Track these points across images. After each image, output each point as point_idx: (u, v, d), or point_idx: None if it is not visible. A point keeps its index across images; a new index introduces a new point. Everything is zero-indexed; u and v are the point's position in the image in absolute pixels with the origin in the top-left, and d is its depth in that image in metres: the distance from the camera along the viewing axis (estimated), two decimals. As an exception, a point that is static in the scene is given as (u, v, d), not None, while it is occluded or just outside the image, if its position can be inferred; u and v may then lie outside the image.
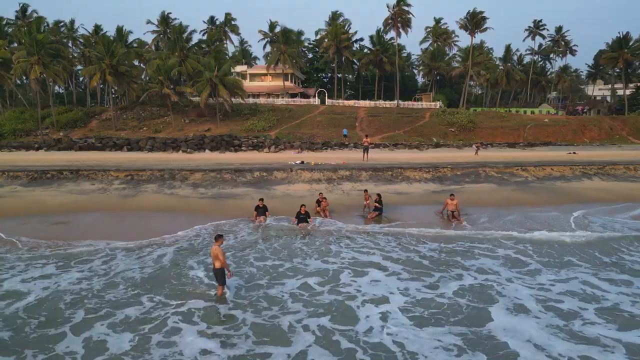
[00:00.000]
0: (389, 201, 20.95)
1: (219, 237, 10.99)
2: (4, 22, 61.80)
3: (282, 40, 62.42)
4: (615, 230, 16.44)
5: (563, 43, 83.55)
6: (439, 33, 74.83)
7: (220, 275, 10.62)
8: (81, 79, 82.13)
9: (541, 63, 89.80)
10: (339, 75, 75.52)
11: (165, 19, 66.84)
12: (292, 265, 12.97)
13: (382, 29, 65.80)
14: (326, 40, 66.27)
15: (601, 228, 16.58)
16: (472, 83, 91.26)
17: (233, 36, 79.12)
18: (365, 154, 32.69)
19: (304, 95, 67.71)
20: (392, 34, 66.53)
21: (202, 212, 18.92)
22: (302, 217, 17.79)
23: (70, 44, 68.64)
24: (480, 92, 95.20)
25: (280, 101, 62.74)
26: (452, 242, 15.13)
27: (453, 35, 78.52)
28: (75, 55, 69.90)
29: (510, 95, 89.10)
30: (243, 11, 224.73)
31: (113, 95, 73.80)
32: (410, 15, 65.03)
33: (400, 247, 14.58)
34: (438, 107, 62.51)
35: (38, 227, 16.79)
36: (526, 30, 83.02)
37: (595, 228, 16.57)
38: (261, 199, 18.78)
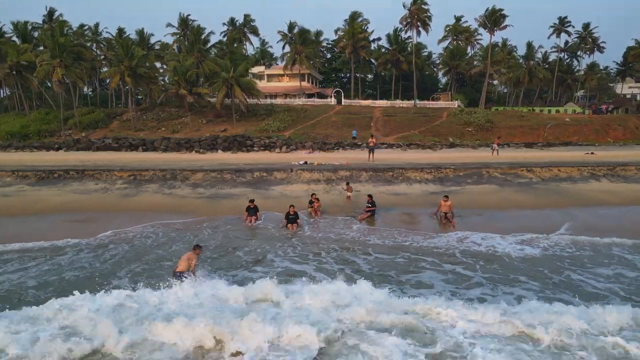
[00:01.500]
0: (385, 202, 20.80)
1: (197, 247, 11.79)
2: (31, 27, 64.04)
3: (299, 41, 62.63)
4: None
5: (590, 40, 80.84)
6: (459, 31, 73.63)
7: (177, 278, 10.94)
8: (107, 80, 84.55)
9: (568, 61, 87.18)
10: (358, 75, 75.30)
11: (184, 21, 68.01)
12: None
13: (399, 28, 65.31)
14: (343, 40, 66.17)
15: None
16: (495, 82, 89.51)
17: (253, 37, 79.95)
18: (371, 154, 32.51)
19: (321, 96, 67.74)
20: (410, 32, 66.03)
21: (191, 212, 19.22)
22: (292, 217, 17.84)
23: (94, 47, 70.68)
24: (505, 90, 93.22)
25: (297, 101, 62.97)
26: (404, 253, 14.03)
27: (476, 33, 77.31)
28: (101, 58, 72.01)
29: (535, 94, 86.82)
30: (269, 12, 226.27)
31: (138, 97, 75.77)
32: (428, 14, 64.35)
33: (339, 258, 13.67)
34: (456, 106, 61.52)
35: (34, 225, 17.39)
36: (551, 27, 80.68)
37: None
38: (252, 200, 18.90)
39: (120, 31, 70.91)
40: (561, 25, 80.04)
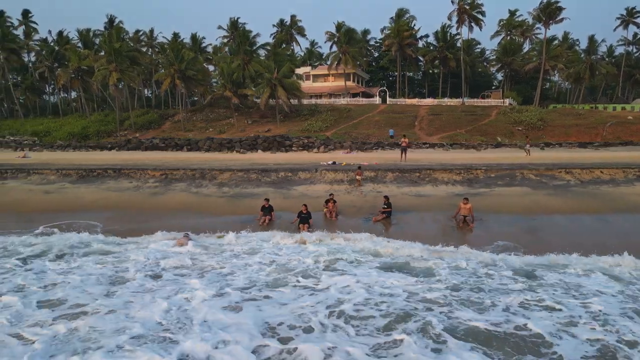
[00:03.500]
0: (405, 204, 20.29)
1: (186, 235, 15.10)
2: (92, 33, 68.22)
3: (344, 41, 62.43)
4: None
5: (663, 31, 74.74)
6: (513, 26, 70.37)
7: None
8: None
9: (637, 54, 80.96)
10: (408, 74, 73.95)
11: (234, 24, 69.73)
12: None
13: (447, 25, 63.53)
14: (389, 38, 65.24)
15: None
16: (555, 79, 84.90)
17: (300, 38, 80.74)
18: (403, 154, 31.79)
19: (367, 95, 67.19)
20: (460, 29, 64.00)
21: (209, 212, 19.67)
22: (304, 216, 17.88)
23: (150, 52, 74.19)
24: (569, 87, 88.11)
25: (341, 101, 62.85)
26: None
27: (534, 27, 73.57)
28: (156, 62, 75.51)
29: (599, 90, 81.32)
30: (324, 13, 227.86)
31: (194, 99, 78.85)
32: (481, 9, 62.21)
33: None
34: (507, 104, 58.84)
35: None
36: (618, 18, 75.33)
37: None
38: (267, 199, 19.11)
39: (176, 36, 74.06)
40: (629, 17, 74.53)
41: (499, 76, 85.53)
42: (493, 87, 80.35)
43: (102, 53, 64.52)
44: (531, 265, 12.92)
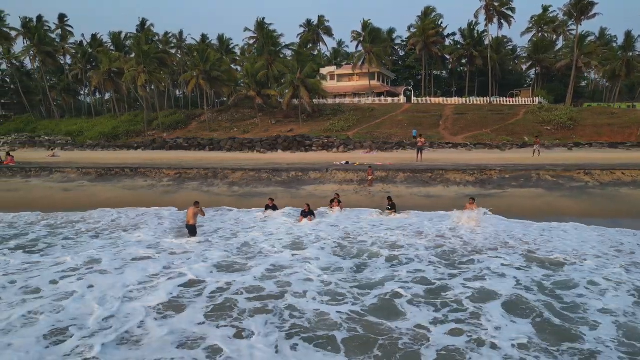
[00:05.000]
0: (412, 205, 20.05)
1: (197, 203, 15.34)
2: (123, 36, 70.26)
3: (369, 40, 62.00)
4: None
5: None
6: (545, 22, 68.13)
7: (192, 230, 14.90)
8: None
9: (680, 49, 76.77)
10: (435, 72, 72.76)
11: (260, 25, 70.30)
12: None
13: (473, 22, 62.13)
14: (415, 36, 64.36)
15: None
16: (591, 76, 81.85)
17: (327, 38, 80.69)
18: (420, 154, 31.30)
19: (392, 94, 66.47)
20: (489, 26, 62.48)
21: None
22: (306, 214, 18.02)
23: (179, 53, 75.78)
24: (607, 85, 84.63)
25: (365, 101, 62.40)
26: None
27: (569, 24, 71.02)
28: (184, 63, 77.06)
29: (638, 88, 77.63)
30: (354, 12, 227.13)
31: (223, 99, 79.98)
32: (510, 6, 60.55)
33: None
34: (536, 103, 57.02)
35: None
36: (659, 12, 71.82)
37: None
38: (271, 199, 19.32)
39: (204, 37, 75.36)
40: (671, 10, 70.86)
41: (532, 74, 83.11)
42: (525, 86, 78.10)
43: (133, 55, 66.70)
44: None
